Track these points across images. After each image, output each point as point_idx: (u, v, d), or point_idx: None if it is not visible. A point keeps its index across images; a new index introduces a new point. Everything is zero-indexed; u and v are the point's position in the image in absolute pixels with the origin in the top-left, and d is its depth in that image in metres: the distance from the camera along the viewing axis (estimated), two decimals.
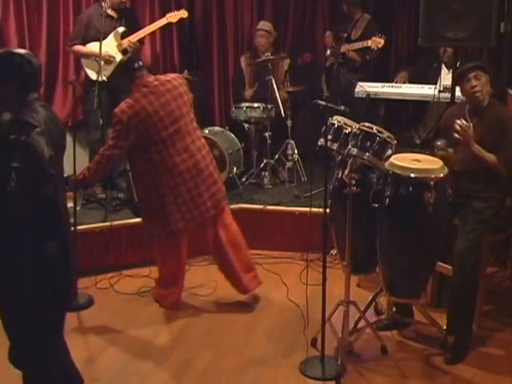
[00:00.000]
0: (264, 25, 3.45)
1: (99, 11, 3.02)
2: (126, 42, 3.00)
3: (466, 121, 2.10)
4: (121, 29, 3.01)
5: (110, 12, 2.99)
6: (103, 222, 2.77)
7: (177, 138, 2.20)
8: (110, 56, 2.95)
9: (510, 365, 2.01)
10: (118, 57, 3.01)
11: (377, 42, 3.12)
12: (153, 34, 3.19)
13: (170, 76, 2.29)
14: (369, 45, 3.15)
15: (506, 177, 2.08)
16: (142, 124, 2.15)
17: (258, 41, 3.42)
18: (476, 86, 2.05)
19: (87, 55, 3.01)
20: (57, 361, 1.57)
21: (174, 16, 3.05)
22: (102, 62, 2.92)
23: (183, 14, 3.07)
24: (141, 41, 3.08)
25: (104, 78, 2.91)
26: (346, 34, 3.36)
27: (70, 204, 2.81)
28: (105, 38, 2.94)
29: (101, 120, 2.94)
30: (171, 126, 2.18)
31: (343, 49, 3.31)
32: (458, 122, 1.98)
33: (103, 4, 3.02)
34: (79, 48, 3.02)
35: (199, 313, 2.39)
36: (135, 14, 3.32)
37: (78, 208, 2.94)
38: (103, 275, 2.65)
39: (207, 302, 2.46)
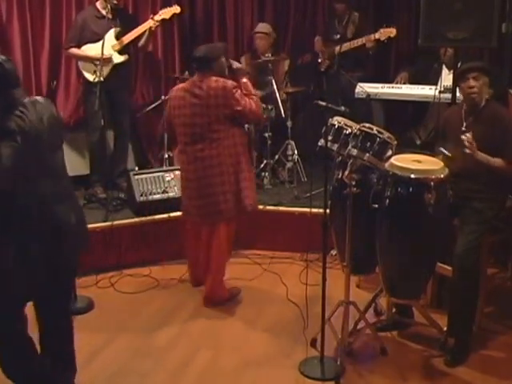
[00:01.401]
0: (262, 27, 3.46)
1: (94, 13, 3.03)
2: (151, 22, 2.98)
3: (461, 121, 2.09)
4: (116, 29, 3.01)
5: (104, 13, 2.99)
6: (104, 221, 2.77)
7: (190, 140, 2.30)
8: (107, 57, 2.94)
9: (510, 367, 2.00)
10: (115, 57, 3.02)
11: (388, 32, 3.06)
12: (154, 34, 3.20)
13: (216, 85, 2.24)
14: (377, 37, 3.11)
15: (508, 178, 2.07)
16: (169, 108, 2.40)
17: (257, 43, 3.43)
18: (473, 87, 2.05)
19: (83, 58, 3.02)
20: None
21: (167, 12, 3.04)
22: (98, 63, 2.92)
23: (175, 9, 3.06)
24: (138, 39, 3.07)
25: (101, 79, 2.92)
26: (339, 36, 3.35)
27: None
28: (100, 39, 2.94)
29: (102, 121, 2.95)
30: (189, 128, 2.29)
31: (345, 48, 3.29)
32: (464, 137, 1.97)
33: (97, 5, 3.03)
34: (75, 51, 3.02)
35: (199, 312, 2.39)
36: (129, 13, 3.32)
37: None
38: (104, 274, 2.65)
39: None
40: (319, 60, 3.43)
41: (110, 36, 2.99)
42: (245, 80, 2.36)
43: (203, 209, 2.32)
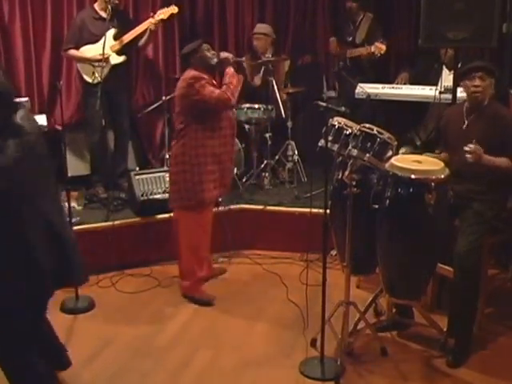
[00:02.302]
0: (259, 28, 3.47)
1: (91, 14, 3.03)
2: (150, 23, 2.99)
3: (463, 119, 2.09)
4: (113, 30, 3.01)
5: (102, 14, 3.00)
6: (105, 221, 2.78)
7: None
8: (106, 58, 2.93)
9: (511, 368, 2.00)
10: (113, 58, 3.01)
11: (379, 49, 3.15)
12: (154, 34, 3.20)
13: (184, 76, 2.35)
14: (372, 50, 3.17)
15: (508, 178, 2.07)
16: None
17: (256, 43, 3.44)
18: (479, 86, 2.06)
19: (82, 59, 3.02)
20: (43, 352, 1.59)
21: (164, 12, 3.05)
22: (96, 65, 2.93)
23: (173, 9, 3.06)
24: (138, 39, 3.07)
25: (99, 79, 2.91)
26: (351, 38, 3.36)
27: (73, 204, 2.85)
28: (98, 40, 2.95)
29: (103, 121, 2.95)
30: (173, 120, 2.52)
31: (348, 54, 3.33)
32: (466, 148, 1.97)
33: (95, 7, 3.03)
34: (73, 52, 3.03)
35: (199, 312, 2.40)
36: (127, 13, 3.33)
37: (80, 208, 2.97)
38: (105, 274, 2.66)
39: None
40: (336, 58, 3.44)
41: (109, 37, 2.98)
42: (227, 70, 2.38)
43: (171, 195, 2.46)
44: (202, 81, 2.28)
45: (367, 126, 1.99)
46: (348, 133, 2.00)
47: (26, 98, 2.97)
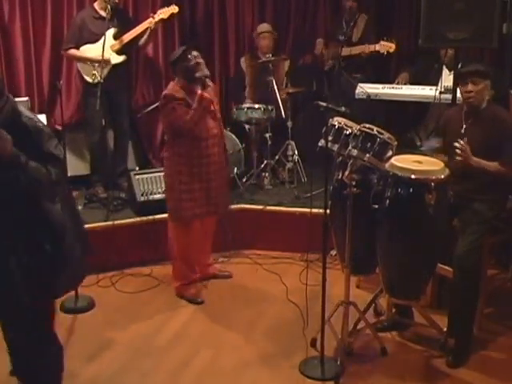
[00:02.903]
0: (265, 27, 3.48)
1: (91, 13, 3.03)
2: (150, 23, 2.98)
3: (462, 122, 2.10)
4: (113, 29, 3.01)
5: (102, 13, 3.00)
6: (105, 221, 2.79)
7: None
8: (105, 58, 2.93)
9: (511, 368, 2.00)
10: (113, 58, 3.01)
11: (387, 47, 3.10)
12: (154, 34, 3.21)
13: (165, 90, 2.35)
14: (377, 49, 3.15)
15: (509, 179, 2.07)
16: None
17: (263, 43, 3.42)
18: (471, 91, 2.06)
19: (83, 59, 3.02)
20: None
21: (165, 12, 3.05)
22: (96, 64, 2.93)
23: (173, 9, 3.06)
24: (138, 38, 3.07)
25: (99, 79, 2.92)
26: (345, 37, 3.36)
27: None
28: (98, 39, 2.95)
29: (103, 121, 2.95)
30: None
31: (345, 52, 3.32)
32: (457, 144, 1.99)
33: (95, 6, 3.03)
34: (73, 52, 3.03)
35: (199, 312, 2.40)
36: (127, 12, 3.33)
37: (80, 208, 2.98)
38: (104, 274, 2.66)
39: (207, 302, 2.47)
40: (325, 56, 3.43)
41: (109, 36, 2.98)
42: (200, 92, 2.25)
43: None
44: (174, 102, 2.23)
45: (367, 126, 1.99)
46: (348, 133, 2.00)
47: (26, 98, 2.98)
